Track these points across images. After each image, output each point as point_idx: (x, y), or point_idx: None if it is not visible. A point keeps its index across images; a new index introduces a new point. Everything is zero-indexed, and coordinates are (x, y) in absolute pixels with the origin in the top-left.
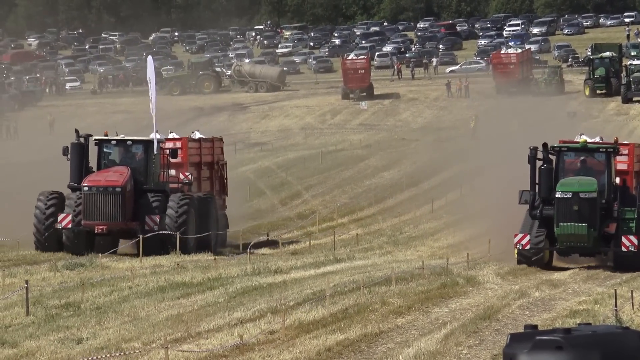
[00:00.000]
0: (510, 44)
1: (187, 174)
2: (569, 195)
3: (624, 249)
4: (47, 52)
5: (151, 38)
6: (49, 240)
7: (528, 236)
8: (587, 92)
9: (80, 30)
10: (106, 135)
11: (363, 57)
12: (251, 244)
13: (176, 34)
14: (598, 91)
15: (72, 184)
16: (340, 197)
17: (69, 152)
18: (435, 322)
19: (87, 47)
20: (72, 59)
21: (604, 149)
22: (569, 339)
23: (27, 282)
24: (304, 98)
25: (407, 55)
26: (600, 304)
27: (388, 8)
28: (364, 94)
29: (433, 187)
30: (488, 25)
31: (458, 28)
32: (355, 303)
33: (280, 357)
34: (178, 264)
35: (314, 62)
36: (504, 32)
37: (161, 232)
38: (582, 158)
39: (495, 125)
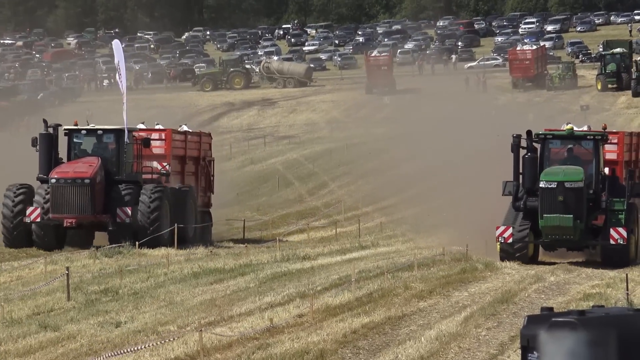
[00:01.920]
0: (525, 41)
1: (164, 164)
2: (553, 185)
3: (612, 242)
4: (85, 51)
5: (184, 37)
6: (19, 235)
7: (511, 229)
8: (599, 87)
9: (117, 30)
10: (76, 124)
11: (385, 54)
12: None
13: (208, 32)
14: (609, 85)
15: (41, 175)
16: (364, 187)
17: (38, 143)
18: (456, 306)
19: (123, 45)
20: (109, 57)
21: (592, 137)
22: (583, 320)
23: (68, 269)
24: (330, 93)
25: (427, 52)
26: (613, 287)
27: (409, 7)
28: (387, 89)
29: (452, 178)
30: (504, 23)
31: (476, 26)
32: (379, 288)
33: (308, 340)
34: (211, 251)
35: (339, 59)
36: (520, 30)
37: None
38: (568, 146)
39: (512, 118)
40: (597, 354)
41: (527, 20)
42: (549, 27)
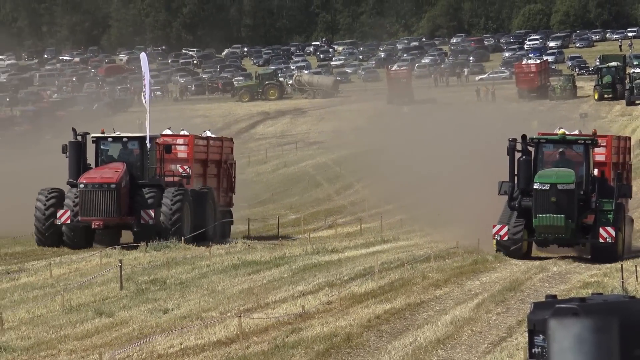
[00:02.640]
0: (530, 55)
1: (185, 167)
2: (546, 187)
3: (601, 240)
4: (135, 66)
5: (224, 53)
6: (50, 235)
7: (506, 227)
8: (596, 97)
9: (164, 47)
10: (102, 132)
11: (405, 68)
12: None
13: (245, 49)
14: (605, 95)
15: (71, 180)
16: (386, 187)
17: (67, 150)
18: (468, 293)
19: (169, 61)
20: (156, 71)
21: (582, 141)
22: (584, 307)
23: (120, 261)
24: (355, 103)
25: (442, 66)
26: (609, 276)
27: (426, 26)
28: (406, 99)
29: (464, 178)
30: (511, 40)
31: (485, 42)
32: (400, 277)
33: (336, 324)
34: (249, 245)
35: (363, 73)
36: (525, 46)
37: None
38: (560, 150)
39: (518, 124)
40: (600, 339)
41: (531, 37)
42: (551, 43)
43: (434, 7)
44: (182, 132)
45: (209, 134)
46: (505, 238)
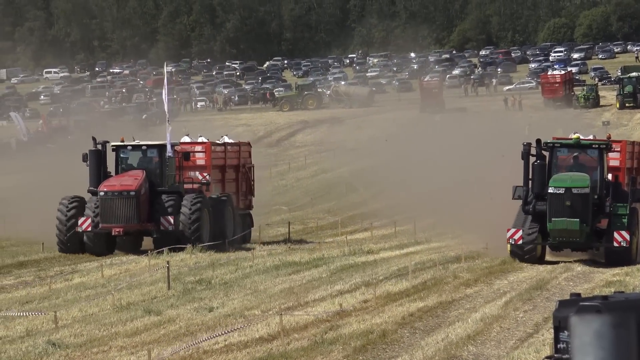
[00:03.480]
0: (555, 67)
1: (205, 174)
2: (561, 191)
3: (615, 244)
4: (181, 78)
5: (265, 65)
6: (71, 242)
7: (521, 231)
8: (617, 105)
9: (208, 60)
10: (122, 141)
11: (436, 78)
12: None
13: (286, 61)
14: (627, 104)
15: (92, 188)
16: (419, 191)
17: (88, 158)
18: (497, 292)
19: (213, 73)
20: (202, 83)
21: (597, 145)
22: (607, 304)
23: (168, 262)
24: (389, 112)
25: (472, 77)
26: (631, 275)
27: (456, 39)
28: (437, 108)
29: (493, 183)
30: (537, 52)
31: (513, 54)
32: (432, 277)
33: (372, 322)
34: (289, 247)
35: (397, 83)
36: (550, 57)
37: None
38: (575, 154)
39: (545, 132)
40: (619, 334)
41: (556, 50)
42: (575, 55)
43: (464, 21)
44: (200, 139)
45: (226, 139)
46: (520, 242)
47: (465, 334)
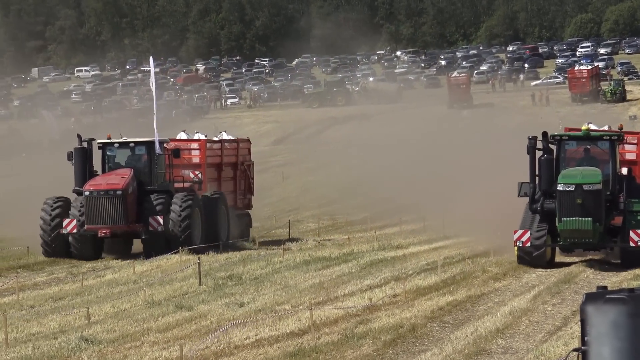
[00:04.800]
0: (582, 62)
1: (197, 173)
2: (571, 188)
3: (632, 244)
4: (211, 75)
5: (294, 62)
6: (56, 244)
7: (528, 233)
8: None
9: (238, 57)
10: (109, 138)
11: (464, 74)
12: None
13: (314, 58)
14: None
15: (77, 188)
16: (447, 186)
17: (73, 157)
18: (526, 286)
19: (243, 70)
20: (231, 80)
21: (608, 137)
22: (633, 297)
23: (199, 258)
24: (417, 108)
25: (499, 72)
26: None
27: (483, 35)
28: (465, 104)
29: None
30: (564, 47)
31: (540, 50)
32: (461, 271)
33: (402, 316)
34: (319, 242)
35: (425, 79)
36: (577, 53)
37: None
38: (584, 147)
39: (571, 126)
40: (636, 324)
41: (583, 45)
42: (602, 50)
43: (491, 17)
44: (196, 136)
45: (224, 135)
46: (528, 244)
47: (494, 327)
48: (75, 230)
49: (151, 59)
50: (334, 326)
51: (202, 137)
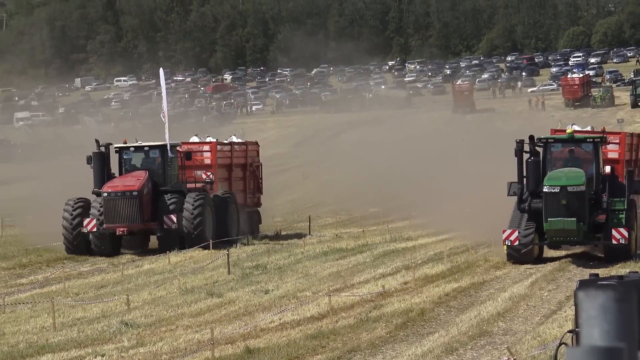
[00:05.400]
0: (574, 70)
1: (208, 173)
2: (556, 190)
3: (614, 241)
4: (238, 84)
5: (313, 72)
6: (78, 243)
7: (516, 232)
8: (630, 104)
9: (262, 68)
10: (125, 142)
11: (467, 82)
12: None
13: (331, 68)
14: (639, 103)
15: (96, 190)
16: (452, 182)
17: (92, 161)
18: (524, 273)
19: (266, 79)
20: (256, 88)
21: (591, 139)
22: (621, 283)
23: (228, 250)
24: (425, 113)
25: (499, 80)
26: None
27: (485, 46)
28: (468, 109)
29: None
30: (558, 57)
31: (536, 60)
32: (465, 261)
33: (412, 301)
34: (337, 235)
35: (432, 87)
36: (570, 62)
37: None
38: (569, 149)
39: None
40: (622, 308)
41: (575, 55)
42: (592, 60)
43: (491, 30)
44: (207, 139)
45: (234, 139)
46: (516, 243)
47: (495, 311)
48: (95, 229)
49: (161, 70)
50: (350, 311)
51: (213, 140)
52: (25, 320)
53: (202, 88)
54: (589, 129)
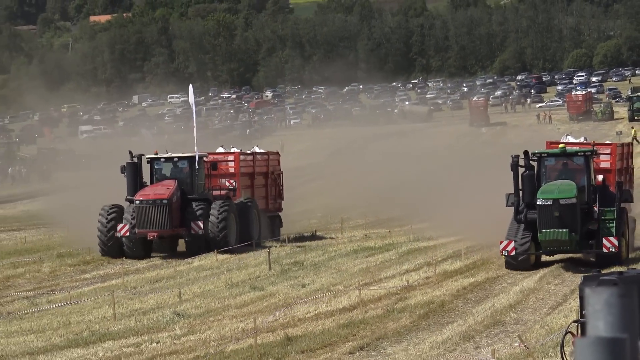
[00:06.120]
0: (577, 88)
1: (231, 181)
2: (549, 202)
3: (604, 250)
4: (277, 100)
5: (345, 89)
6: (112, 246)
7: (513, 242)
8: (628, 118)
9: (299, 86)
10: (156, 154)
11: (482, 98)
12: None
13: (361, 86)
14: (635, 117)
15: (129, 197)
16: (469, 187)
17: (125, 170)
18: (533, 269)
19: (303, 96)
20: (294, 104)
21: (582, 153)
22: (622, 279)
23: (269, 248)
24: (444, 126)
25: (510, 97)
26: None
27: (498, 67)
28: (483, 122)
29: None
30: (563, 76)
31: (543, 78)
32: (480, 258)
33: (433, 294)
34: (366, 235)
35: (451, 103)
36: (574, 80)
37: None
38: (562, 162)
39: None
40: (625, 303)
41: (578, 74)
42: (594, 79)
43: (504, 52)
44: (232, 150)
45: (256, 149)
46: (513, 253)
47: (507, 303)
48: (127, 234)
49: (190, 86)
50: (378, 302)
51: (237, 150)
52: (88, 311)
53: (245, 104)
54: (582, 139)
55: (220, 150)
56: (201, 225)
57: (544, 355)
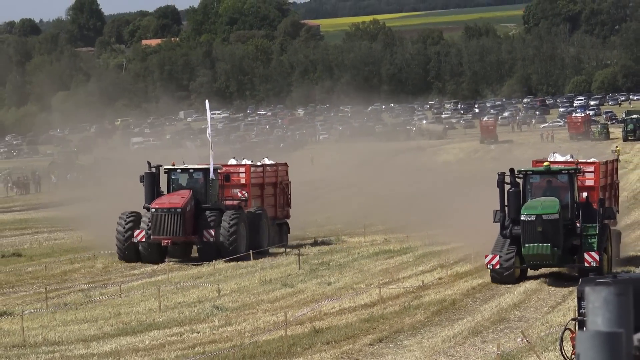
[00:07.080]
0: (577, 111)
1: (243, 192)
2: (532, 218)
3: (586, 264)
4: (309, 117)
5: (369, 109)
6: (129, 251)
7: (498, 257)
8: (622, 138)
9: (328, 105)
10: (173, 165)
11: (492, 119)
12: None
13: (383, 106)
14: (629, 137)
15: (146, 205)
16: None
17: (144, 179)
18: (535, 272)
19: (331, 114)
20: (323, 121)
21: (566, 171)
22: (616, 280)
23: (299, 249)
24: (458, 143)
25: (517, 117)
26: (634, 264)
27: (506, 90)
28: (493, 140)
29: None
30: (564, 100)
31: (547, 102)
32: None
33: (445, 293)
34: (386, 239)
35: (463, 122)
36: (574, 104)
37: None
38: (547, 180)
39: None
40: (621, 300)
41: (578, 98)
42: (592, 102)
43: (512, 77)
44: (243, 162)
45: (266, 161)
46: (498, 267)
47: (512, 302)
48: (144, 240)
49: (207, 102)
50: (396, 300)
51: (248, 162)
52: (136, 303)
53: (280, 120)
54: (568, 156)
55: (232, 162)
56: (213, 233)
57: (544, 349)
